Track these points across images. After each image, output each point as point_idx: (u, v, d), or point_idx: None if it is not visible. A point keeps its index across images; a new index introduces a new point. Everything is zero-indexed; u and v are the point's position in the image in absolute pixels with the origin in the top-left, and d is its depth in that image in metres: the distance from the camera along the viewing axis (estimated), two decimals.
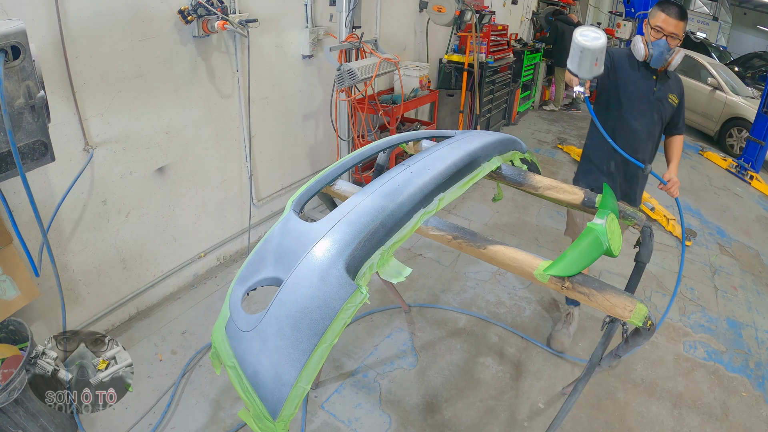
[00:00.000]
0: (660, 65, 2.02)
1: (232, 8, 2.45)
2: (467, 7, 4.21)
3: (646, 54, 2.00)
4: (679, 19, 1.96)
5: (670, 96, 2.13)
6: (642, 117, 2.13)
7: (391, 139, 1.72)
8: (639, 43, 2.01)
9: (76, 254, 2.10)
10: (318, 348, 0.96)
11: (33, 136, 1.38)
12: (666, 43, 1.98)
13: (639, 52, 2.02)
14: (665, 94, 2.12)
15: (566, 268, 1.18)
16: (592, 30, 1.68)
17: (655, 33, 2.00)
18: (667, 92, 2.12)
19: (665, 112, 2.15)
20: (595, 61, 1.67)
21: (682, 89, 2.19)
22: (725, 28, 15.72)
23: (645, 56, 2.01)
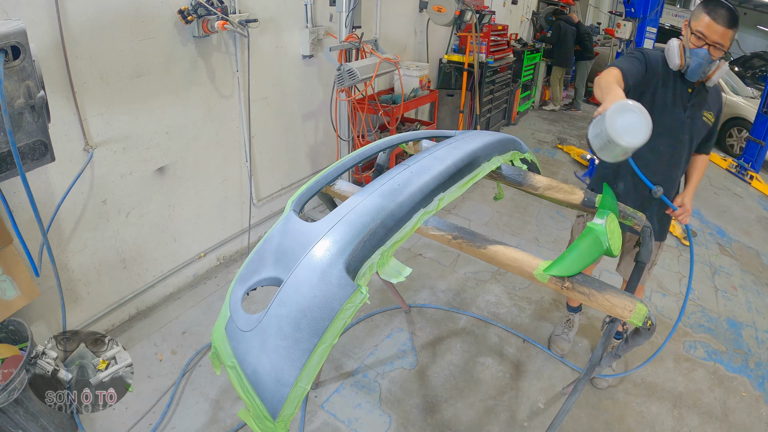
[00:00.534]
0: (697, 78, 1.69)
1: (232, 8, 2.45)
2: (467, 7, 4.21)
3: (681, 63, 1.67)
4: (728, 26, 1.60)
5: (705, 114, 1.81)
6: (667, 135, 1.78)
7: (391, 139, 1.72)
8: (674, 49, 1.67)
9: (76, 254, 2.10)
10: (318, 348, 0.96)
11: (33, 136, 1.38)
12: (707, 53, 1.63)
13: (673, 60, 1.69)
14: (699, 111, 1.79)
15: (566, 268, 1.18)
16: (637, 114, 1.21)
17: (695, 39, 1.64)
18: (702, 109, 1.79)
19: (697, 131, 1.83)
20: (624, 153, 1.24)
21: (721, 105, 1.89)
22: None
23: (679, 66, 1.68)
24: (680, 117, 1.78)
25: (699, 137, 1.86)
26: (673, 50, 1.68)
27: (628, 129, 1.18)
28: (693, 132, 1.82)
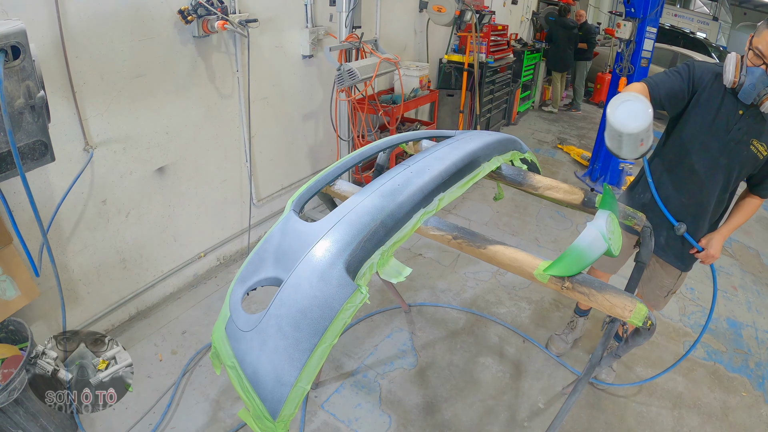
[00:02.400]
0: (750, 100, 1.53)
1: (232, 8, 2.45)
2: (467, 7, 4.21)
3: (736, 80, 1.53)
4: None
5: (755, 143, 1.61)
6: (704, 153, 1.67)
7: (391, 139, 1.72)
8: (731, 64, 1.54)
9: (76, 254, 2.10)
10: (318, 348, 0.96)
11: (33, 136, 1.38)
12: (764, 73, 1.48)
13: (727, 75, 1.54)
14: (747, 137, 1.61)
15: (566, 268, 1.18)
16: (632, 102, 1.26)
17: (754, 57, 1.50)
18: (751, 136, 1.60)
19: (740, 159, 1.64)
20: (639, 142, 1.28)
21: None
22: (725, 28, 15.72)
23: (732, 82, 1.54)
24: (722, 137, 1.63)
25: (742, 167, 1.67)
26: (730, 64, 1.54)
27: (629, 116, 1.24)
28: (733, 158, 1.64)
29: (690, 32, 11.30)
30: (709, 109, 1.63)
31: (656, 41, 4.14)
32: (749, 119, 1.59)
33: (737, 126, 1.61)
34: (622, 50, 4.18)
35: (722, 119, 1.62)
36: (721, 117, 1.62)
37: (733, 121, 1.61)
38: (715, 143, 1.65)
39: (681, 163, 1.74)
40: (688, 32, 11.12)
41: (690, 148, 1.70)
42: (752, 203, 1.80)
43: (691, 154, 1.70)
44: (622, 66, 4.17)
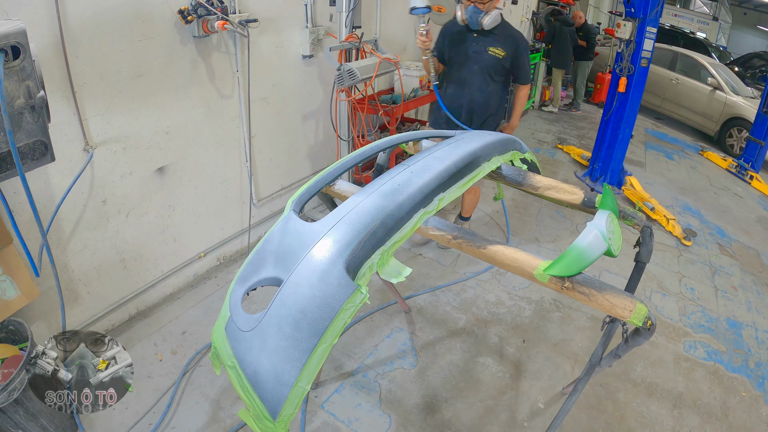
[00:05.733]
0: (476, 26, 2.54)
1: (232, 8, 2.45)
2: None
3: (464, 18, 2.55)
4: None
5: (491, 50, 2.58)
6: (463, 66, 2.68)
7: (391, 139, 1.72)
8: (458, 11, 2.56)
9: (76, 254, 2.09)
10: (318, 348, 0.96)
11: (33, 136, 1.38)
12: (473, 8, 2.50)
13: (458, 18, 2.58)
14: (484, 47, 2.59)
15: (566, 268, 1.18)
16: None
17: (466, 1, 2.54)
18: (487, 45, 2.59)
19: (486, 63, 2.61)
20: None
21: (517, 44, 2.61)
22: (725, 28, 15.71)
23: (463, 21, 2.56)
24: (468, 53, 2.63)
25: (490, 67, 2.62)
26: (458, 11, 2.56)
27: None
28: (480, 63, 2.62)
29: (690, 32, 11.30)
30: (457, 41, 2.67)
31: (656, 41, 4.14)
32: (481, 36, 2.61)
33: (475, 43, 2.62)
34: (622, 50, 4.18)
35: (465, 42, 2.64)
36: (465, 42, 2.64)
37: (471, 42, 2.63)
38: (466, 58, 2.65)
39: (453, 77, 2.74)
40: (688, 32, 11.13)
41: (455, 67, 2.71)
42: (519, 90, 2.80)
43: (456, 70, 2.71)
44: (622, 66, 4.17)
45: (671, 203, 4.53)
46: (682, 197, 4.76)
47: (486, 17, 2.49)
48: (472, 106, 2.72)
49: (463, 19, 2.54)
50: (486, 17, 2.49)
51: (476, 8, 2.49)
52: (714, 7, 15.31)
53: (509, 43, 2.59)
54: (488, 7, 2.49)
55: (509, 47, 2.59)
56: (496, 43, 2.58)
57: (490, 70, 2.63)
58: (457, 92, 2.72)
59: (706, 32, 14.35)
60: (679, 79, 7.52)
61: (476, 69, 2.63)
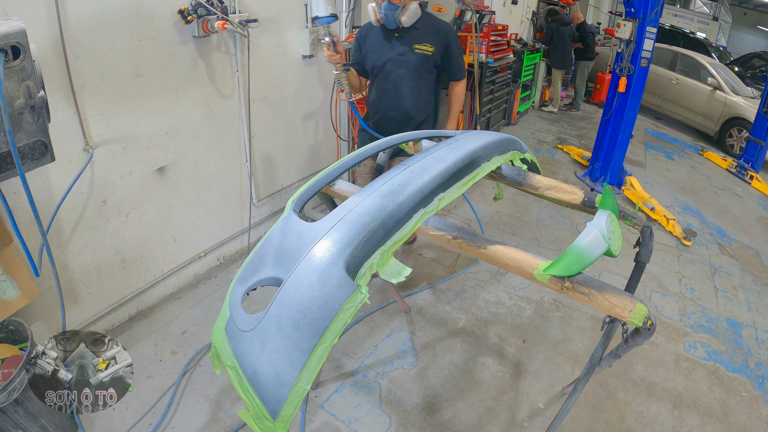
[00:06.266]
0: (394, 25, 2.22)
1: (232, 8, 2.45)
2: (467, 7, 4.21)
3: (378, 18, 2.22)
4: None
5: (418, 47, 2.27)
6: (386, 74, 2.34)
7: (391, 139, 1.72)
8: (371, 11, 2.23)
9: (76, 254, 2.09)
10: (318, 348, 0.96)
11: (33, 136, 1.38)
12: (388, 4, 2.16)
13: (371, 18, 2.25)
14: (410, 45, 2.27)
15: (566, 268, 1.18)
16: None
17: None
18: (412, 43, 2.26)
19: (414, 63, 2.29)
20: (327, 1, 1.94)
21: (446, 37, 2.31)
22: (725, 28, 15.72)
23: (378, 21, 2.24)
24: (390, 57, 2.28)
25: (419, 67, 2.29)
26: (371, 11, 2.23)
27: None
28: (407, 65, 2.29)
29: (690, 32, 11.30)
30: (376, 46, 2.32)
31: (656, 41, 4.14)
32: (403, 35, 2.28)
33: (397, 43, 2.28)
34: (622, 50, 4.19)
35: (387, 45, 2.30)
36: (385, 44, 2.30)
37: (393, 43, 2.29)
38: (388, 65, 2.30)
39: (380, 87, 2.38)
40: (688, 32, 11.13)
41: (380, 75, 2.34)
42: (454, 88, 2.50)
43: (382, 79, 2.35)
44: (622, 66, 4.17)
45: (671, 203, 4.53)
46: (682, 197, 4.76)
47: (404, 12, 2.18)
48: (405, 116, 2.40)
49: (378, 19, 2.23)
50: (404, 12, 2.18)
51: (390, 4, 2.15)
52: (714, 7, 15.31)
53: (437, 36, 2.29)
54: (405, 1, 2.18)
55: (438, 41, 2.29)
56: (422, 39, 2.27)
57: (420, 71, 2.31)
58: (387, 103, 2.38)
59: (706, 32, 14.35)
60: (679, 79, 7.52)
61: (404, 73, 2.30)
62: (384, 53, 2.28)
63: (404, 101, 2.34)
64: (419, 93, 2.35)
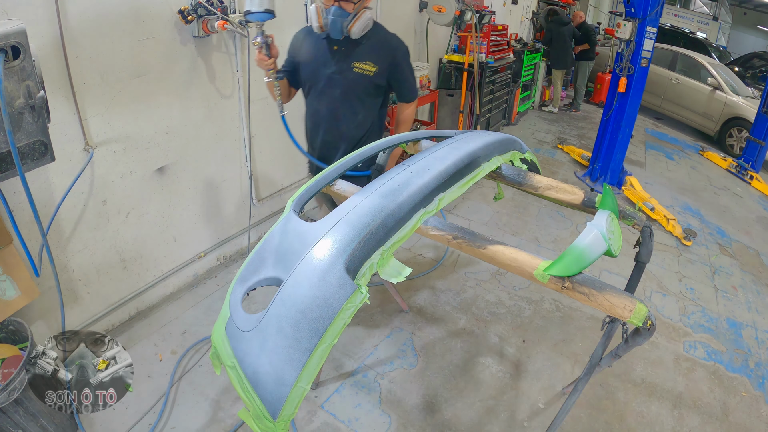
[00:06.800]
0: (340, 35, 1.80)
1: (232, 8, 2.45)
2: (467, 7, 4.21)
3: (321, 25, 1.80)
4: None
5: (357, 65, 1.88)
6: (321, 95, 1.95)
7: (391, 139, 1.72)
8: (312, 15, 1.79)
9: (76, 254, 2.09)
10: (318, 348, 0.96)
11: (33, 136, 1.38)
12: (338, 9, 1.75)
13: (313, 24, 1.82)
14: (348, 63, 1.88)
15: (566, 268, 1.18)
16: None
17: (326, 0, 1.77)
18: (351, 61, 1.87)
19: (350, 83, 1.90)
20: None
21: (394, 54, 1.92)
22: (725, 28, 15.72)
23: (321, 28, 1.80)
24: (325, 75, 1.90)
25: (357, 88, 1.92)
26: (312, 15, 1.79)
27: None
28: (343, 85, 1.91)
29: (690, 32, 11.31)
30: (312, 57, 1.92)
31: (656, 41, 4.14)
32: (344, 49, 1.88)
33: (336, 58, 1.89)
34: (622, 50, 4.19)
35: (321, 61, 1.90)
36: (322, 57, 1.90)
37: (331, 56, 1.89)
38: (322, 83, 1.92)
39: (311, 112, 2.03)
40: (688, 32, 11.13)
41: (312, 92, 1.98)
42: (402, 110, 2.12)
43: (312, 102, 2.00)
44: (622, 66, 4.17)
45: (671, 203, 4.53)
46: (682, 197, 4.76)
47: (355, 22, 1.78)
48: (340, 142, 2.03)
49: (321, 25, 1.80)
50: (355, 22, 1.78)
51: (341, 9, 1.77)
52: (714, 7, 15.31)
53: (383, 53, 1.90)
54: (357, 8, 1.79)
55: (383, 59, 1.90)
56: (365, 56, 1.88)
57: (359, 93, 1.93)
58: (321, 126, 2.01)
59: (706, 32, 14.35)
60: (679, 79, 7.52)
61: (339, 94, 1.92)
62: (320, 68, 1.91)
63: (340, 126, 1.99)
64: (356, 117, 1.98)
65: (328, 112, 1.97)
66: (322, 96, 1.95)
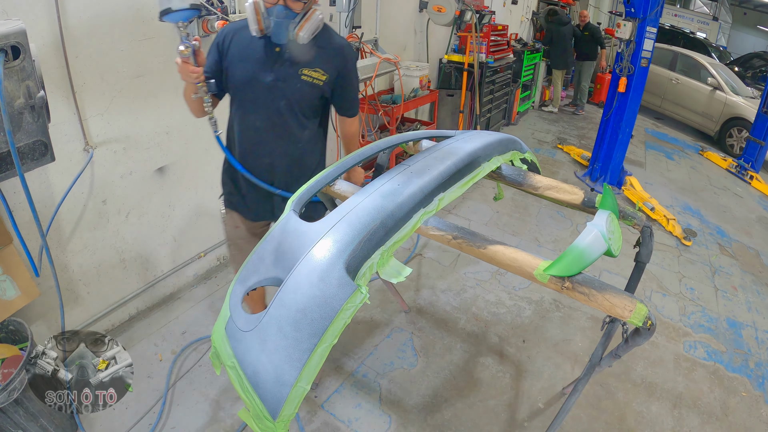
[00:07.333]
0: (284, 39, 1.48)
1: (232, 8, 2.45)
2: (467, 7, 4.21)
3: (261, 28, 1.46)
4: None
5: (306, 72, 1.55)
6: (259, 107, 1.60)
7: (391, 139, 1.72)
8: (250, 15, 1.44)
9: (76, 254, 2.09)
10: (318, 348, 0.96)
11: (33, 136, 1.38)
12: (283, 9, 1.44)
13: (252, 26, 1.47)
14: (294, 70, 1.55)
15: (566, 268, 1.18)
16: None
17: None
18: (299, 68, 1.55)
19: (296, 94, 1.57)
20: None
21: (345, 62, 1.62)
22: (725, 28, 15.72)
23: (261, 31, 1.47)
24: (266, 83, 1.55)
25: (303, 100, 1.59)
26: (250, 14, 1.44)
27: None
28: (288, 96, 1.57)
29: (690, 32, 11.31)
30: (244, 59, 1.55)
31: (656, 41, 4.15)
32: (288, 52, 1.53)
33: (278, 63, 1.54)
34: (622, 50, 4.19)
35: (259, 65, 1.54)
36: (257, 64, 1.54)
37: (270, 62, 1.54)
38: (261, 92, 1.56)
39: (245, 127, 1.63)
40: (688, 32, 11.13)
41: (246, 105, 1.60)
42: (346, 127, 1.81)
43: (247, 115, 1.61)
44: (622, 66, 4.17)
45: (671, 203, 4.53)
46: (682, 197, 4.76)
47: (304, 24, 1.47)
48: (278, 167, 1.67)
49: (262, 29, 1.46)
50: (304, 24, 1.47)
51: (287, 10, 1.45)
52: (714, 7, 15.31)
53: (335, 60, 1.60)
54: (306, 7, 1.49)
55: (334, 67, 1.60)
56: (315, 62, 1.56)
57: (306, 105, 1.62)
58: (259, 147, 1.64)
59: (706, 32, 14.35)
60: (679, 79, 7.53)
61: (283, 106, 1.58)
62: (258, 74, 1.54)
63: (281, 147, 1.64)
64: (303, 133, 1.66)
65: (270, 127, 1.60)
66: (260, 108, 1.58)
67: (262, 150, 1.64)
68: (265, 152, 1.64)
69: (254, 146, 1.64)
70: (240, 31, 1.56)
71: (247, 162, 1.66)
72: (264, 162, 1.65)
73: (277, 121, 1.60)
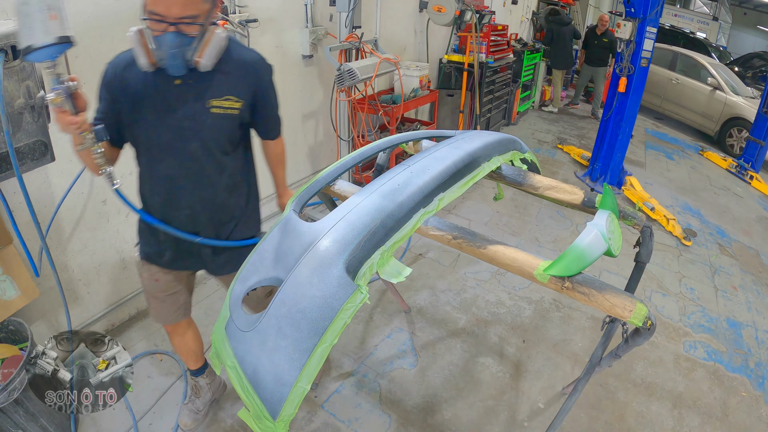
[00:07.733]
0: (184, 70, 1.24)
1: (232, 8, 2.45)
2: (467, 7, 4.21)
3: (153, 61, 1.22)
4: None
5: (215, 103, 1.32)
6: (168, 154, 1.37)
7: (391, 139, 1.72)
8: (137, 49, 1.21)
9: (76, 254, 2.09)
10: (318, 348, 0.96)
11: (33, 136, 1.38)
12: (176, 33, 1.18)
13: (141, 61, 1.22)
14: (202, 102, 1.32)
15: (566, 268, 1.18)
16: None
17: (154, 24, 1.18)
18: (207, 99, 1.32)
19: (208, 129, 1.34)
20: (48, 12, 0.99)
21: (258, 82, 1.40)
22: (725, 28, 15.72)
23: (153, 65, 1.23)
24: (171, 123, 1.31)
25: (220, 134, 1.36)
26: (137, 48, 1.21)
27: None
28: (200, 133, 1.33)
29: (690, 32, 11.30)
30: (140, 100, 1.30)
31: (656, 41, 4.15)
32: (191, 83, 1.29)
33: (180, 102, 1.30)
34: (622, 50, 4.19)
35: (160, 106, 1.30)
36: (157, 105, 1.30)
37: (171, 99, 1.29)
38: (168, 135, 1.33)
39: (156, 178, 1.43)
40: (688, 32, 11.13)
41: (150, 157, 1.40)
42: (270, 149, 1.62)
43: (155, 164, 1.40)
44: (622, 66, 4.17)
45: (671, 203, 4.53)
46: (682, 197, 4.77)
47: (204, 49, 1.24)
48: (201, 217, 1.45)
49: (153, 61, 1.22)
50: (204, 49, 1.24)
51: (180, 36, 1.19)
52: (714, 7, 15.31)
53: (247, 81, 1.37)
54: (204, 29, 1.24)
55: (247, 89, 1.38)
56: (225, 89, 1.33)
57: (221, 143, 1.38)
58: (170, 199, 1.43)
59: (706, 32, 14.35)
60: (679, 79, 7.53)
61: (197, 148, 1.35)
62: (160, 116, 1.31)
63: (204, 193, 1.42)
64: (224, 173, 1.42)
65: (184, 176, 1.38)
66: (169, 155, 1.35)
67: (179, 202, 1.42)
68: (184, 203, 1.42)
69: (170, 198, 1.42)
70: (129, 66, 1.29)
71: (166, 213, 1.45)
72: (184, 213, 1.43)
73: (192, 168, 1.37)
